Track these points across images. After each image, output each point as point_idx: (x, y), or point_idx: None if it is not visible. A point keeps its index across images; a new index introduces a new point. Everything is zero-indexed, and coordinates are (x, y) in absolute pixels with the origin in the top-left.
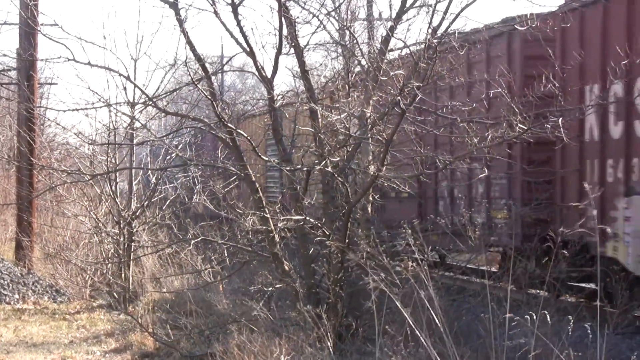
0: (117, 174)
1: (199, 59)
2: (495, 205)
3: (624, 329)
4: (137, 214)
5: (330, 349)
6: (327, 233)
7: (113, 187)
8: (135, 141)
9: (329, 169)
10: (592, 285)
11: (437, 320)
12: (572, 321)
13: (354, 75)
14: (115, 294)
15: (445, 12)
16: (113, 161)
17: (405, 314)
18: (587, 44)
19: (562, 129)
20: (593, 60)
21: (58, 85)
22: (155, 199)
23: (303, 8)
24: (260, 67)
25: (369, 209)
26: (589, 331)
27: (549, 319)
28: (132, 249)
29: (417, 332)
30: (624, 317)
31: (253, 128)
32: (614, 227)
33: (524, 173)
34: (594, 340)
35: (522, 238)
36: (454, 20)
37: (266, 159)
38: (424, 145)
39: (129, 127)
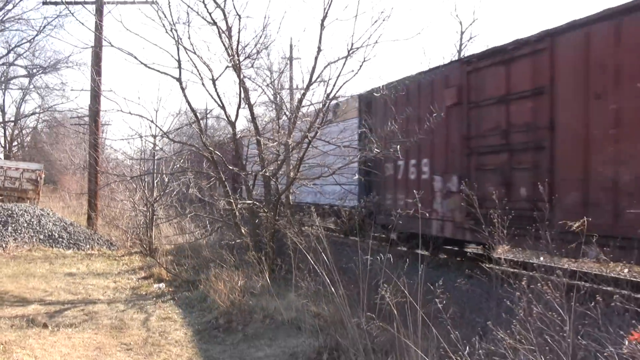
0: (145, 176)
1: (192, 110)
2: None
3: (434, 265)
4: (157, 199)
5: (267, 277)
6: (266, 211)
7: (143, 184)
8: (156, 157)
9: (268, 174)
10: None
11: (327, 261)
12: (406, 260)
13: (281, 120)
14: (144, 245)
15: (334, 85)
16: (143, 168)
17: (309, 257)
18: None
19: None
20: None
21: (112, 125)
22: (168, 190)
23: (253, 82)
24: (228, 115)
25: (290, 197)
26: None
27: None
28: (154, 220)
29: (316, 267)
30: (434, 257)
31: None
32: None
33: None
34: (416, 272)
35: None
36: (339, 89)
37: (231, 167)
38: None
39: (152, 149)
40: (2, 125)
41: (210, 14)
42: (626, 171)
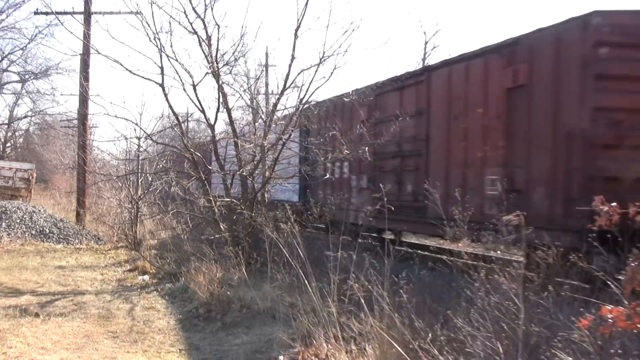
0: (130, 175)
1: (174, 113)
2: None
3: (399, 259)
4: (141, 197)
5: (244, 270)
6: (243, 208)
7: (128, 182)
8: (140, 158)
9: (245, 173)
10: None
11: (301, 254)
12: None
13: (257, 123)
14: (129, 240)
15: (307, 91)
16: (128, 168)
17: (284, 250)
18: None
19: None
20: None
21: (99, 128)
22: (151, 188)
23: (231, 87)
24: (207, 118)
25: (266, 195)
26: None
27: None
28: (139, 216)
29: (291, 260)
30: (399, 251)
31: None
32: None
33: None
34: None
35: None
36: (311, 95)
37: (210, 167)
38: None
39: (137, 150)
40: None
41: (191, 23)
42: (470, 172)
